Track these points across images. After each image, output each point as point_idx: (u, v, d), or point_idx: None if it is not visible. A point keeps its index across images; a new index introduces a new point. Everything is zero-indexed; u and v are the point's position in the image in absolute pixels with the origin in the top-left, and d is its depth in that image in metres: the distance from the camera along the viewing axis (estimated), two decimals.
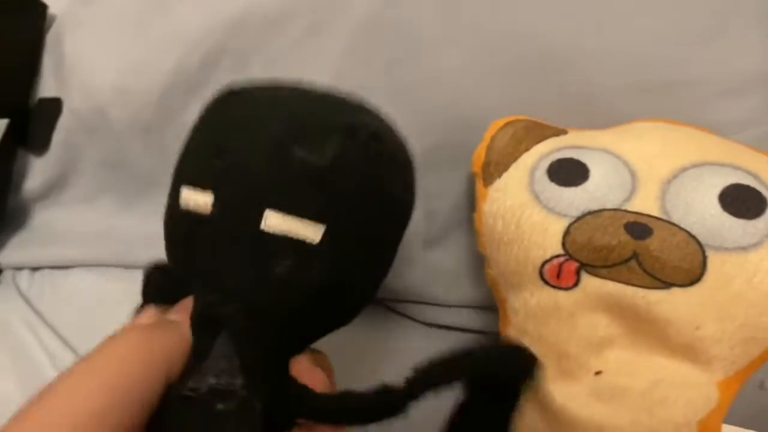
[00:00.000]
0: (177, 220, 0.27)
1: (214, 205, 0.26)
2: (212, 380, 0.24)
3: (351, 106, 0.29)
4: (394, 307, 0.46)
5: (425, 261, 0.46)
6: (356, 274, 0.28)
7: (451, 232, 0.45)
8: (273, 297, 0.26)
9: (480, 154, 0.40)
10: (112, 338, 0.24)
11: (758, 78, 0.42)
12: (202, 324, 0.26)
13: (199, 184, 0.26)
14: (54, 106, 0.50)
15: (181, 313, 0.27)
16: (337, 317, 0.29)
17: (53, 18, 0.53)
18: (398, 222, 0.30)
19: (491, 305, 0.41)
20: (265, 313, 0.26)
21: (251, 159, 0.26)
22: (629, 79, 0.42)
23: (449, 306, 0.44)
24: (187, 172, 0.28)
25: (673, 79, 0.42)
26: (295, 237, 0.25)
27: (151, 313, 0.29)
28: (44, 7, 0.52)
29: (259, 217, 0.25)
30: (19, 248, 0.53)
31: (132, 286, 0.31)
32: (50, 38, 0.52)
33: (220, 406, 0.24)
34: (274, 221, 0.25)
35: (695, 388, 0.31)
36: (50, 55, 0.52)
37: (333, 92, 0.30)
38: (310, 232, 0.25)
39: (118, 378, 0.22)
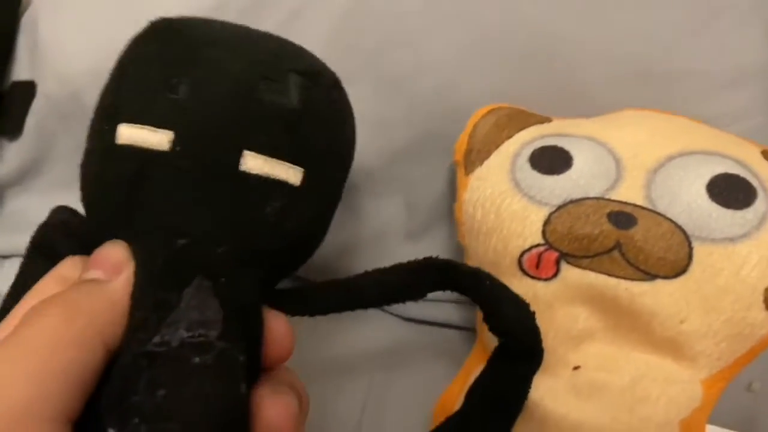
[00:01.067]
0: (115, 160, 0.25)
1: (175, 142, 0.24)
2: (184, 333, 0.22)
3: (299, 50, 0.29)
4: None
5: (406, 254, 0.44)
6: (327, 215, 0.29)
7: (433, 225, 0.43)
8: (263, 239, 0.25)
9: (462, 141, 0.38)
10: (31, 317, 0.22)
11: (752, 70, 0.41)
12: (169, 272, 0.23)
13: (146, 120, 0.24)
14: (28, 90, 0.48)
15: (105, 267, 0.24)
16: (304, 259, 0.29)
17: (29, 0, 0.52)
18: (350, 165, 0.30)
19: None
20: (252, 255, 0.25)
21: (217, 96, 0.24)
22: (620, 70, 0.41)
23: (428, 300, 0.43)
24: (126, 108, 0.25)
25: (665, 70, 0.41)
26: (276, 179, 0.25)
27: (72, 263, 0.26)
28: None
29: (236, 157, 0.24)
30: None
31: None
32: (25, 20, 0.51)
33: (196, 360, 0.21)
34: (256, 162, 0.24)
35: (678, 385, 0.30)
36: (25, 38, 0.51)
37: (273, 34, 0.29)
38: (292, 174, 0.25)
39: (46, 363, 0.20)
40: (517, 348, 0.27)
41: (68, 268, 0.25)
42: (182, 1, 0.45)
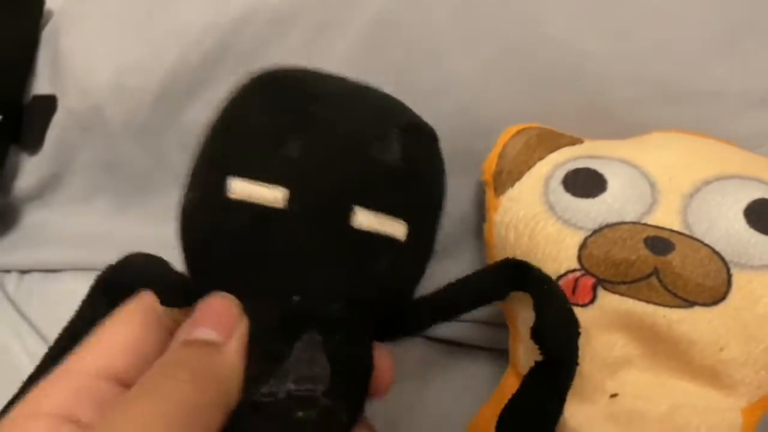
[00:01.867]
0: (229, 214, 0.24)
1: (291, 199, 0.24)
2: (291, 386, 0.22)
3: (401, 105, 0.30)
4: None
5: (431, 271, 0.44)
6: (426, 266, 0.29)
7: (458, 243, 0.43)
8: (373, 294, 0.26)
9: (491, 161, 0.38)
10: (160, 380, 0.22)
11: None
12: (284, 326, 0.24)
13: (261, 176, 0.24)
14: (49, 104, 0.48)
15: (218, 326, 0.23)
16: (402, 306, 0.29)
17: (50, 13, 0.52)
18: (442, 216, 0.31)
19: (497, 321, 0.40)
20: (362, 310, 0.26)
21: (329, 154, 0.25)
22: (647, 90, 0.41)
23: (456, 320, 0.42)
24: (239, 161, 0.25)
25: (694, 90, 0.40)
26: (384, 234, 0.25)
27: (154, 298, 0.26)
28: (41, 2, 0.51)
29: (347, 214, 0.24)
30: (8, 250, 0.51)
31: None
32: (46, 34, 0.51)
33: (300, 414, 0.22)
34: (365, 218, 0.25)
35: (718, 413, 0.30)
36: (46, 52, 0.50)
37: (373, 87, 0.29)
38: (398, 229, 0.26)
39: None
40: (551, 357, 0.28)
41: (153, 300, 0.26)
42: (204, 17, 0.46)
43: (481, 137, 0.40)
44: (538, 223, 0.34)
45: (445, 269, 0.43)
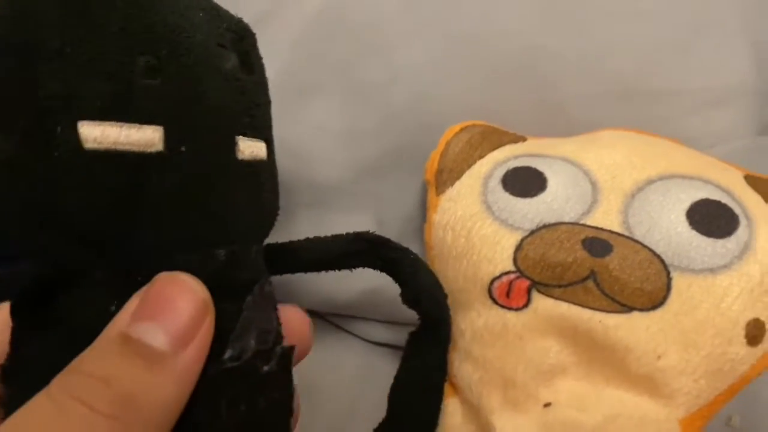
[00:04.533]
0: (85, 171, 0.18)
1: (168, 139, 0.19)
2: (253, 342, 0.20)
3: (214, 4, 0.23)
4: (335, 322, 0.42)
5: (371, 274, 0.42)
6: None
7: (404, 243, 0.42)
8: (269, 224, 0.24)
9: (433, 160, 0.37)
10: (66, 409, 0.16)
11: (736, 90, 0.39)
12: (219, 287, 0.20)
13: (127, 114, 0.18)
14: None
15: (172, 327, 0.17)
16: None
17: None
18: None
19: None
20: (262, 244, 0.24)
21: (193, 75, 0.20)
22: (600, 87, 0.39)
23: (393, 323, 0.41)
24: (88, 99, 0.18)
25: (647, 88, 0.39)
26: (260, 160, 0.22)
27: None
28: None
29: (233, 147, 0.21)
30: None
31: None
32: None
33: (264, 368, 0.20)
34: (248, 148, 0.21)
35: (654, 424, 0.28)
36: None
37: None
38: (263, 150, 0.23)
39: None
40: (427, 320, 0.27)
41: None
42: None
43: (428, 134, 0.38)
44: (475, 223, 0.32)
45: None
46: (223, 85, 0.21)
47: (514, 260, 0.30)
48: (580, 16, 0.40)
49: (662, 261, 0.29)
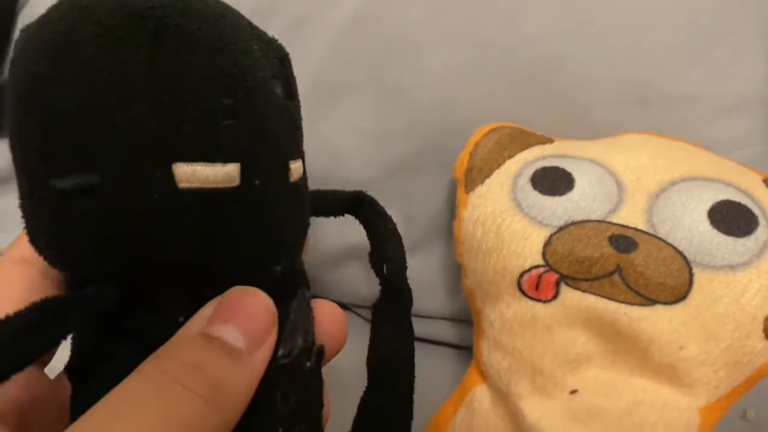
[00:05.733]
0: (183, 209, 0.19)
1: (243, 174, 0.20)
2: (300, 342, 0.22)
3: None
4: (364, 315, 0.44)
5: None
6: None
7: (429, 240, 0.43)
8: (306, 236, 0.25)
9: (463, 159, 0.38)
10: (166, 385, 0.17)
11: (753, 98, 0.41)
12: (276, 294, 0.21)
13: (209, 155, 0.19)
14: None
15: (248, 331, 0.19)
16: None
17: None
18: None
19: (466, 318, 0.39)
20: None
21: (263, 110, 0.21)
22: (621, 92, 0.41)
23: (422, 316, 0.42)
24: (181, 142, 0.19)
25: (666, 94, 0.41)
26: (301, 178, 0.24)
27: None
28: None
29: (288, 171, 0.23)
30: None
31: None
32: (23, 18, 0.50)
33: (307, 365, 0.22)
34: (295, 170, 0.23)
35: (676, 412, 0.30)
36: None
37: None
38: (301, 168, 0.25)
39: None
40: (388, 287, 0.27)
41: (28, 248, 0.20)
42: None
43: (455, 135, 0.40)
44: (504, 219, 0.34)
45: (417, 265, 0.44)
46: (278, 116, 0.22)
47: (543, 255, 0.32)
48: (601, 24, 0.42)
49: (685, 258, 0.30)
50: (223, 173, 0.19)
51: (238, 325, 0.19)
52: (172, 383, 0.17)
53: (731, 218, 0.31)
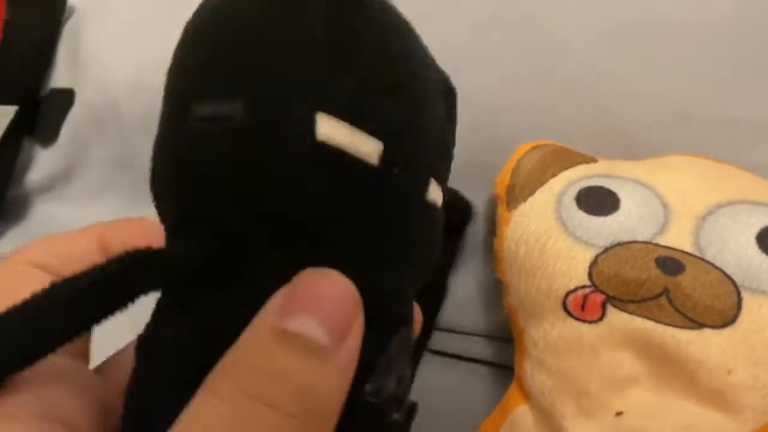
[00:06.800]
0: (308, 158, 0.18)
1: (384, 157, 0.19)
2: (393, 386, 0.19)
3: None
4: None
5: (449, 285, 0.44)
6: None
7: (468, 256, 0.43)
8: (429, 273, 0.22)
9: (504, 176, 0.38)
10: (253, 404, 0.15)
11: None
12: (383, 315, 0.19)
13: (356, 118, 0.18)
14: (66, 97, 0.49)
15: (329, 322, 0.16)
16: None
17: (72, 10, 0.52)
18: None
19: (503, 335, 0.40)
20: None
21: (422, 107, 0.20)
22: (663, 112, 0.41)
23: (459, 333, 0.42)
24: (333, 92, 0.18)
25: (709, 115, 0.41)
26: (438, 205, 0.23)
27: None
28: None
29: (426, 186, 0.21)
30: (18, 239, 0.51)
31: None
32: (68, 30, 0.51)
33: (395, 416, 0.19)
34: (434, 192, 0.21)
35: None
36: (66, 47, 0.51)
37: None
38: (441, 199, 0.23)
39: None
40: None
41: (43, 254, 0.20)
42: None
43: (495, 152, 0.40)
44: (549, 238, 0.34)
45: (457, 281, 0.44)
46: (435, 126, 0.21)
47: (590, 275, 0.32)
48: (644, 43, 0.42)
49: (733, 281, 0.30)
50: (363, 143, 0.18)
51: (317, 315, 0.16)
52: (253, 402, 0.14)
53: None
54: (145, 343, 0.19)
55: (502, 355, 0.40)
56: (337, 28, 0.18)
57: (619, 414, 0.31)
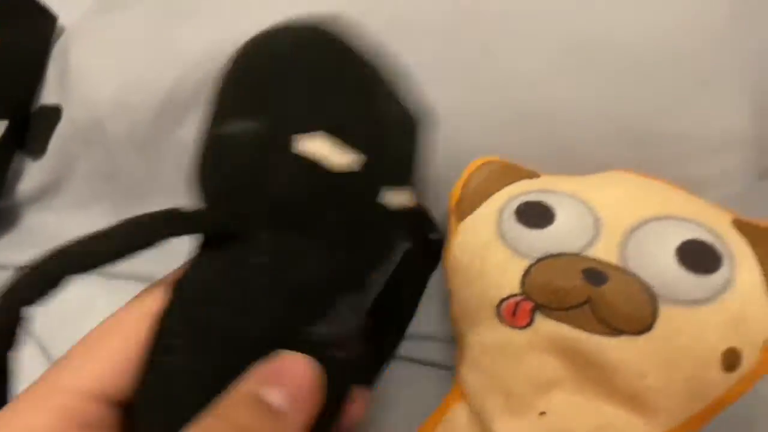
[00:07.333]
0: (298, 167, 0.27)
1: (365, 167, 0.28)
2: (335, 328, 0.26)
3: None
4: None
5: None
6: None
7: None
8: None
9: (456, 190, 0.41)
10: None
11: (735, 138, 0.43)
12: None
13: (345, 136, 0.27)
14: (54, 114, 0.51)
15: (290, 393, 0.22)
16: None
17: (62, 29, 0.55)
18: None
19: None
20: None
21: (383, 118, 0.30)
22: (610, 131, 0.43)
23: (416, 337, 0.45)
24: (320, 120, 0.27)
25: (656, 134, 0.43)
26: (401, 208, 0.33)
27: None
28: (54, 18, 0.55)
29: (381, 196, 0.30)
30: (6, 249, 0.54)
31: (117, 298, 0.29)
32: (57, 48, 0.54)
33: (340, 355, 0.26)
34: (396, 197, 0.31)
35: None
36: (56, 65, 0.54)
37: None
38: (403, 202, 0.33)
39: None
40: None
41: (155, 303, 0.25)
42: (204, 42, 0.49)
43: (456, 168, 0.43)
44: (489, 249, 0.36)
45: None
46: (398, 146, 0.31)
47: (522, 284, 0.34)
48: (594, 66, 0.44)
49: (651, 292, 0.32)
50: (337, 156, 0.26)
51: (285, 389, 0.22)
52: None
53: (697, 257, 0.33)
54: (179, 283, 0.27)
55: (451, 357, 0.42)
56: (322, 70, 0.28)
57: (542, 414, 0.33)
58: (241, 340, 0.24)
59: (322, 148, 0.26)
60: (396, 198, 0.28)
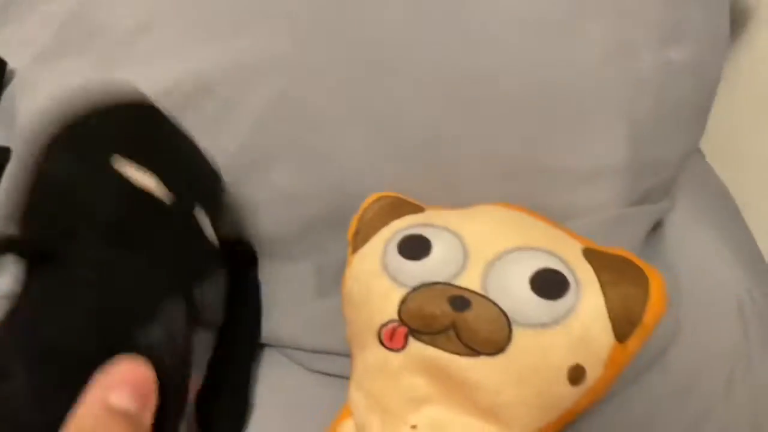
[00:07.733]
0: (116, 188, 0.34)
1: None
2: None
3: None
4: (289, 354, 0.50)
5: (317, 309, 0.51)
6: None
7: (337, 287, 0.50)
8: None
9: (353, 223, 0.45)
10: None
11: (611, 169, 0.47)
12: None
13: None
14: (3, 154, 0.55)
15: (135, 394, 0.25)
16: None
17: (12, 73, 0.59)
18: None
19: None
20: None
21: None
22: (492, 167, 0.48)
23: (330, 353, 0.49)
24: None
25: (531, 167, 0.47)
26: None
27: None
28: (3, 63, 0.59)
29: None
30: None
31: None
32: (7, 93, 0.58)
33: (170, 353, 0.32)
34: None
35: None
36: (4, 108, 0.58)
37: None
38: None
39: None
40: None
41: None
42: (139, 85, 0.53)
43: (359, 200, 0.47)
44: (374, 279, 0.40)
45: (327, 308, 0.50)
46: (202, 176, 0.41)
47: (399, 311, 0.38)
48: (477, 105, 0.48)
49: (507, 317, 0.36)
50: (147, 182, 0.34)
51: (127, 392, 0.24)
52: None
53: (548, 284, 0.37)
54: (9, 310, 0.30)
55: None
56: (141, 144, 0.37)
57: (413, 427, 0.37)
58: (77, 354, 0.27)
59: (145, 180, 0.33)
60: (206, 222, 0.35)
